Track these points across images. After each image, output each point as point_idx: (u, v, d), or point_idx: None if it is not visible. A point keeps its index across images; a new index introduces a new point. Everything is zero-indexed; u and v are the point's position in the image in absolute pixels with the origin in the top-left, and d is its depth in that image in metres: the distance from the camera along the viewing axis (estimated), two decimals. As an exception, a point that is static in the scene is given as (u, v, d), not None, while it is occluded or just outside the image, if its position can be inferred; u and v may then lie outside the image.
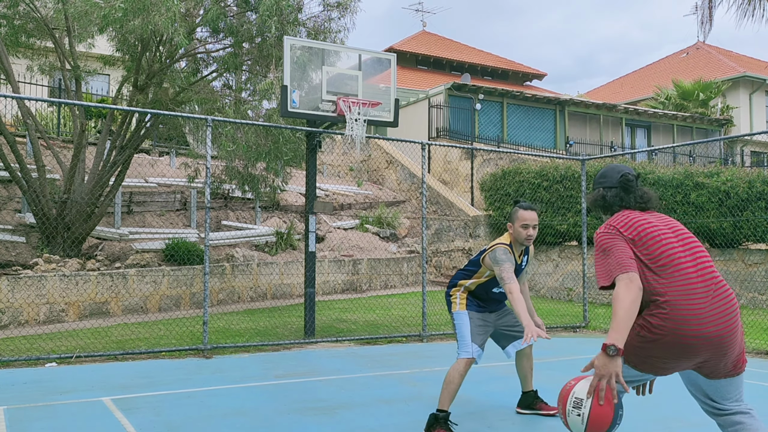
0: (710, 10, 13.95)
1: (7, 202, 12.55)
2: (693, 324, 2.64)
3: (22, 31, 11.19)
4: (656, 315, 2.68)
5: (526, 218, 4.38)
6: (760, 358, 7.23)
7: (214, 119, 7.60)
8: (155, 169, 15.44)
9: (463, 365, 4.28)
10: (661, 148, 14.69)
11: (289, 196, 16.60)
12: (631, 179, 2.99)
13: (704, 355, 2.67)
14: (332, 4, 10.03)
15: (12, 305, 9.22)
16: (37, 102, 15.91)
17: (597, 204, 3.11)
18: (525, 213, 4.39)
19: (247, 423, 4.48)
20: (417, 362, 6.90)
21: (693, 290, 2.69)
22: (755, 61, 31.25)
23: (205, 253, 7.25)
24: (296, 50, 8.03)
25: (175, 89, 11.17)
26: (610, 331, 2.69)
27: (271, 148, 10.04)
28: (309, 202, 8.41)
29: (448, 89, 20.43)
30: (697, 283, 2.71)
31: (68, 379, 5.84)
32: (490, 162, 18.46)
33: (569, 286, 12.91)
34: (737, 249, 11.04)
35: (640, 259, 2.78)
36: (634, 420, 4.63)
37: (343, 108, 7.72)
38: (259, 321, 9.65)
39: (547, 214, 13.12)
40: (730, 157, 24.88)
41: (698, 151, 23.63)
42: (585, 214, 10.02)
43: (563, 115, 22.21)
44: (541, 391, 5.39)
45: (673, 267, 2.73)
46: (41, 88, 17.24)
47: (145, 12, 8.45)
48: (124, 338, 8.06)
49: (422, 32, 32.95)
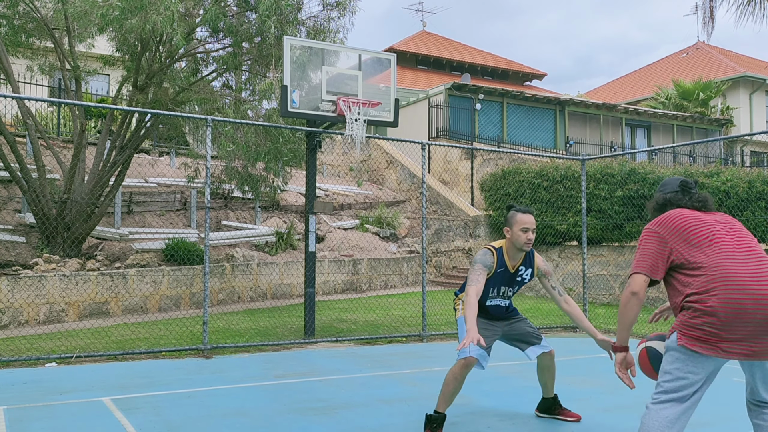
0: (711, 10, 13.94)
1: (7, 202, 12.55)
2: (738, 279, 2.75)
3: (22, 31, 11.19)
4: (700, 280, 2.83)
5: (525, 222, 4.22)
6: (760, 358, 7.23)
7: (214, 119, 7.60)
8: (155, 169, 15.44)
9: (458, 367, 4.15)
10: (661, 148, 14.70)
11: (289, 196, 16.60)
12: (690, 183, 3.22)
13: (758, 319, 2.70)
14: (332, 3, 10.03)
15: (12, 305, 9.22)
16: (37, 102, 15.91)
17: (655, 207, 3.30)
18: (523, 216, 4.25)
19: (247, 423, 4.48)
20: (417, 362, 6.90)
21: (733, 257, 2.85)
22: (755, 61, 31.25)
23: (205, 253, 7.25)
24: (296, 50, 8.03)
25: (175, 89, 11.17)
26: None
27: (271, 148, 10.04)
28: (309, 202, 8.41)
29: (448, 89, 20.43)
30: (737, 253, 2.87)
31: (68, 379, 5.84)
32: (490, 162, 18.47)
33: (569, 286, 12.91)
34: (737, 249, 11.04)
35: (678, 251, 2.95)
36: (633, 421, 4.63)
37: (343, 108, 7.72)
38: (259, 321, 9.65)
39: (547, 214, 13.12)
40: (730, 157, 24.88)
41: (698, 151, 23.63)
42: (585, 214, 10.02)
43: (563, 115, 22.21)
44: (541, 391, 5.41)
45: (713, 244, 2.90)
46: (41, 88, 17.24)
47: (143, 11, 8.45)
48: (124, 338, 8.06)
49: (422, 32, 32.95)
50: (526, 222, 4.24)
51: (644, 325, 9.50)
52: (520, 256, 4.35)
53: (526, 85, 32.15)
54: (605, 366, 6.74)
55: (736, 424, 4.55)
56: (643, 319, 10.13)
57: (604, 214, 12.16)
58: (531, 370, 6.49)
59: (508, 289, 4.42)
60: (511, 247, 4.32)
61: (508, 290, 4.43)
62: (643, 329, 9.20)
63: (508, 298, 4.49)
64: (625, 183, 11.90)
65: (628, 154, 13.99)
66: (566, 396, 5.34)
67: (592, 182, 12.20)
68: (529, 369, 6.52)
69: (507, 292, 4.43)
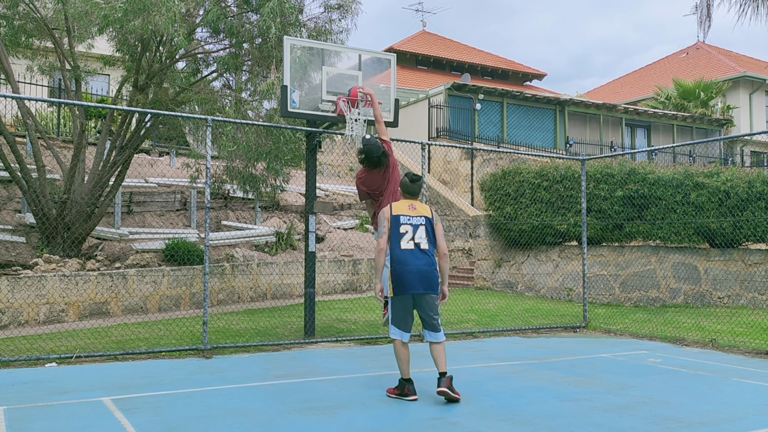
0: (708, 9, 13.92)
1: (7, 202, 12.55)
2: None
3: (22, 31, 11.19)
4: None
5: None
6: (760, 359, 7.23)
7: (214, 119, 7.60)
8: (155, 169, 15.44)
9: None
10: (661, 148, 14.70)
11: (289, 196, 16.60)
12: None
13: None
14: (333, 5, 10.04)
15: (12, 305, 9.22)
16: (37, 102, 15.92)
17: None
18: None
19: (247, 423, 4.48)
20: (417, 362, 6.89)
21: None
22: (755, 61, 31.25)
23: (205, 253, 7.25)
24: (296, 50, 8.03)
25: (175, 89, 11.18)
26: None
27: (272, 148, 10.05)
28: (309, 202, 8.41)
29: (448, 89, 20.43)
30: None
31: (68, 379, 5.84)
32: (490, 162, 18.47)
33: (569, 286, 12.91)
34: (737, 249, 11.04)
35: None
36: (633, 421, 4.63)
37: (343, 108, 7.72)
38: (259, 321, 9.65)
39: (547, 214, 13.12)
40: (730, 157, 24.89)
41: (698, 151, 23.64)
42: (585, 214, 10.02)
43: (563, 115, 22.22)
44: (542, 391, 5.43)
45: None
46: (41, 88, 17.23)
47: (145, 12, 8.45)
48: (124, 338, 8.06)
49: (422, 32, 32.95)
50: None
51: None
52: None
53: (526, 85, 32.14)
54: (605, 366, 6.75)
55: (736, 424, 4.55)
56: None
57: (604, 214, 12.16)
58: (531, 370, 6.50)
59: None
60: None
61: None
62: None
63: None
64: (625, 183, 11.91)
65: (628, 154, 13.99)
66: (566, 396, 5.35)
67: (592, 182, 12.20)
68: (529, 369, 6.53)
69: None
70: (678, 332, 8.81)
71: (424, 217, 5.30)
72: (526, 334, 9.03)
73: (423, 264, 5.17)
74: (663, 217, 11.51)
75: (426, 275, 5.16)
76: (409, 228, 5.24)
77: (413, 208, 5.33)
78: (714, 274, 11.14)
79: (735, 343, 7.92)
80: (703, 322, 9.55)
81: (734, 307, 10.75)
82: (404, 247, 5.19)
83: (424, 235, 5.24)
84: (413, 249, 5.19)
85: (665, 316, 10.31)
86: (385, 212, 5.38)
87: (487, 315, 10.57)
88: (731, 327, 8.99)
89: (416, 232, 5.23)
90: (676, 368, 6.62)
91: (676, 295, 11.51)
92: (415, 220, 5.27)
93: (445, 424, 4.49)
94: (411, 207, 5.34)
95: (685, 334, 8.65)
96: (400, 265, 5.15)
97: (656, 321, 9.84)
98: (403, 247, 5.19)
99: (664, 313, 10.58)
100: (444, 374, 5.08)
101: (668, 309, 11.09)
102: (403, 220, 5.26)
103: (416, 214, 5.29)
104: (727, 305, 10.93)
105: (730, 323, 9.27)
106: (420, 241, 5.21)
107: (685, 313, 10.42)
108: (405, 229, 5.23)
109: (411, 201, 5.40)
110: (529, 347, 7.81)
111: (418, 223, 5.27)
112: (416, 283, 5.14)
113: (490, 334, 9.02)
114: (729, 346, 7.85)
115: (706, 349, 7.84)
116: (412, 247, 5.19)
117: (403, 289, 5.16)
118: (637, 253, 12.02)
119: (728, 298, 10.99)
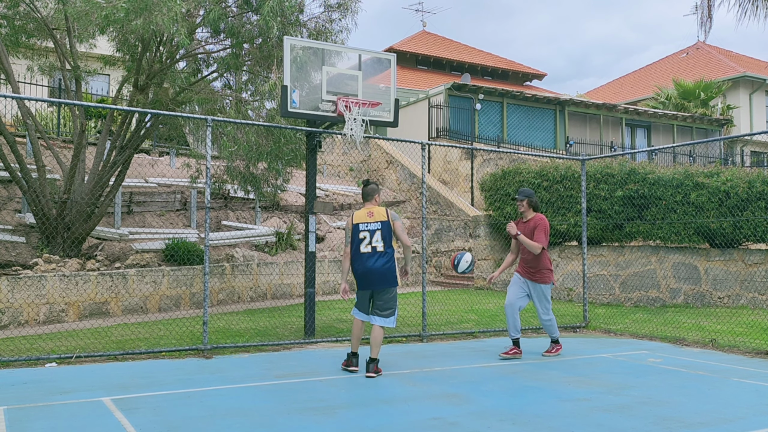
0: (710, 9, 13.91)
1: (7, 202, 12.55)
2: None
3: (22, 31, 11.19)
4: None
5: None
6: (760, 359, 7.23)
7: (214, 119, 7.60)
8: (155, 169, 15.44)
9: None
10: (661, 148, 14.70)
11: (289, 196, 16.60)
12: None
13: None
14: (333, 5, 10.04)
15: (12, 305, 9.23)
16: (37, 102, 15.92)
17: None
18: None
19: (247, 423, 4.48)
20: (417, 362, 6.90)
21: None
22: (755, 61, 31.25)
23: (205, 253, 7.25)
24: (297, 50, 8.03)
25: (176, 89, 11.17)
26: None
27: (273, 148, 10.04)
28: (309, 202, 8.41)
29: (448, 89, 20.43)
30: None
31: (68, 379, 5.84)
32: (490, 162, 18.47)
33: (569, 286, 12.91)
34: (737, 249, 11.04)
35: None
36: (633, 421, 4.63)
37: (342, 108, 7.72)
38: (259, 321, 9.65)
39: (547, 214, 13.11)
40: (730, 157, 24.89)
41: (698, 151, 23.64)
42: (585, 214, 10.02)
43: (563, 115, 22.22)
44: (542, 391, 5.44)
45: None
46: (41, 88, 17.23)
47: (147, 12, 8.45)
48: (124, 338, 8.06)
49: (422, 32, 32.95)
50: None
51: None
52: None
53: (526, 85, 32.15)
54: (605, 366, 6.75)
55: (736, 424, 4.55)
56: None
57: (604, 214, 12.16)
58: (531, 370, 6.50)
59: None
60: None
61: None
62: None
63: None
64: (625, 183, 11.90)
65: (628, 154, 13.99)
66: (566, 396, 5.35)
67: (592, 182, 12.20)
68: (529, 369, 6.53)
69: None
70: (678, 332, 8.81)
71: (380, 221, 6.10)
72: (527, 334, 9.03)
73: (380, 264, 6.03)
74: (663, 217, 11.51)
75: (383, 274, 6.04)
76: (366, 234, 6.09)
77: (371, 215, 6.14)
78: (714, 274, 11.14)
79: (735, 343, 7.92)
80: (703, 322, 9.55)
81: (734, 307, 10.75)
82: (363, 250, 6.07)
83: (380, 239, 6.06)
84: (371, 252, 6.05)
85: (665, 316, 10.30)
86: (348, 222, 6.25)
87: (487, 315, 10.57)
88: (731, 327, 8.99)
89: (373, 237, 6.07)
90: (676, 368, 6.62)
91: (676, 295, 11.50)
92: (372, 225, 6.10)
93: (445, 424, 4.49)
94: (369, 214, 6.15)
95: (685, 334, 8.65)
96: (360, 266, 6.08)
97: (656, 321, 9.84)
98: (362, 250, 6.07)
99: (664, 313, 10.58)
100: (374, 360, 6.08)
101: (668, 309, 11.09)
102: (362, 227, 6.11)
103: (373, 220, 6.11)
104: (727, 305, 10.93)
105: (730, 323, 9.27)
106: (377, 245, 6.06)
107: (685, 313, 10.42)
108: (363, 234, 6.09)
109: (369, 208, 6.21)
110: (529, 347, 7.81)
111: (375, 228, 6.09)
112: (374, 282, 6.07)
113: (490, 334, 9.02)
114: (729, 346, 7.85)
115: (706, 349, 7.84)
116: (369, 251, 6.05)
117: (364, 286, 6.15)
118: (637, 253, 12.02)
119: (728, 298, 10.99)
